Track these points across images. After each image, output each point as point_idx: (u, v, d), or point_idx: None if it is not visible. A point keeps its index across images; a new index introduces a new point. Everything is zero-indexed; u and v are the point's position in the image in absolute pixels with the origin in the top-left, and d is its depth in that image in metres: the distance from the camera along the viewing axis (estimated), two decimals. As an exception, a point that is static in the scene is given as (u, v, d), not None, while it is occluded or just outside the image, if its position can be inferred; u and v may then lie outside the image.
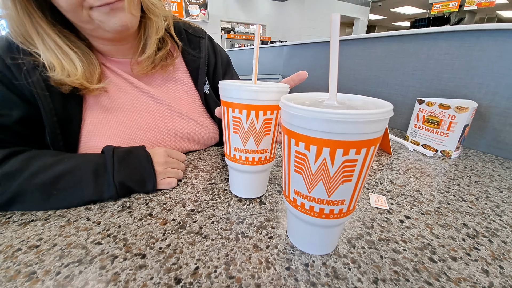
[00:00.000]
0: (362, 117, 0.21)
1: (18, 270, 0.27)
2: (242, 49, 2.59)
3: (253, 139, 0.37)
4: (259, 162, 0.39)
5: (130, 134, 0.50)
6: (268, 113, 0.35)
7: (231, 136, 0.38)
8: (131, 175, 0.40)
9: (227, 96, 0.36)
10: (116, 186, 0.39)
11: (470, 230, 0.36)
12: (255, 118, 0.35)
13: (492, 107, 0.69)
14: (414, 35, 0.88)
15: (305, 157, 0.24)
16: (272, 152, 0.40)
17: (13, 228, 0.34)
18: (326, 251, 0.30)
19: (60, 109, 0.44)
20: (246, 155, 0.38)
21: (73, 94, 0.45)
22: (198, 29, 0.61)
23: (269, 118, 0.36)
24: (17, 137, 0.42)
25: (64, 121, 0.44)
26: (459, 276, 0.28)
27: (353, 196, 0.26)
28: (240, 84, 0.34)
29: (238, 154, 0.38)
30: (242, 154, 0.38)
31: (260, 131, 0.36)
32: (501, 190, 0.48)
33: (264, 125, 0.36)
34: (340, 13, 0.23)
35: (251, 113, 0.35)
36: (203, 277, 0.27)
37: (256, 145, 0.37)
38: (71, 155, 0.41)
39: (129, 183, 0.40)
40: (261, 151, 0.38)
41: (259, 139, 0.37)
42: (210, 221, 0.36)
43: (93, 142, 0.47)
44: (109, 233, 0.33)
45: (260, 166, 0.39)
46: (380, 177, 0.51)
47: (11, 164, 0.37)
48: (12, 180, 0.36)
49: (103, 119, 0.48)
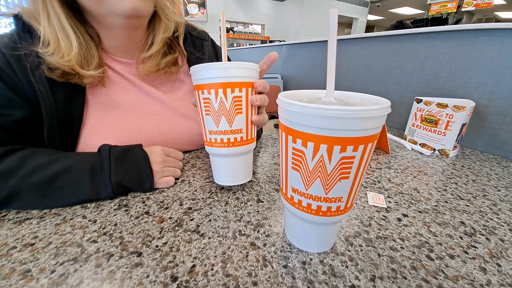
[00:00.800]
0: (360, 113, 0.21)
1: (12, 268, 0.27)
2: (241, 48, 2.59)
3: (225, 119, 0.37)
4: (235, 144, 0.39)
5: (130, 136, 0.49)
6: (236, 90, 0.36)
7: (205, 119, 0.38)
8: (128, 175, 0.40)
9: (196, 79, 0.36)
10: (113, 186, 0.38)
11: (468, 228, 0.36)
12: (224, 96, 0.35)
13: (490, 107, 0.69)
14: (412, 35, 0.88)
15: (303, 154, 0.24)
16: (249, 134, 0.40)
17: (8, 226, 0.33)
18: (324, 249, 0.30)
19: (61, 109, 0.43)
20: (221, 136, 0.38)
21: (75, 93, 0.44)
22: (201, 32, 0.62)
23: (238, 95, 0.36)
24: (14, 136, 0.41)
25: (64, 122, 0.44)
26: (457, 274, 0.28)
27: (351, 194, 0.26)
28: (208, 64, 0.35)
29: (214, 136, 0.38)
30: (217, 136, 0.38)
31: (230, 110, 0.36)
32: (498, 189, 0.48)
33: (234, 104, 0.36)
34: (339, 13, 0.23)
35: (219, 92, 0.35)
36: (200, 275, 0.27)
37: (229, 125, 0.37)
38: (67, 154, 0.41)
39: (126, 182, 0.40)
40: (235, 131, 0.38)
41: (231, 119, 0.37)
42: (207, 219, 0.36)
43: (92, 143, 0.46)
44: (105, 231, 0.33)
45: (238, 148, 0.39)
46: (378, 175, 0.51)
47: (6, 163, 0.36)
48: (8, 179, 0.35)
49: (103, 120, 0.48)
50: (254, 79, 0.38)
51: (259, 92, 0.40)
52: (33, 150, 0.40)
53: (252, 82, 0.38)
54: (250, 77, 0.38)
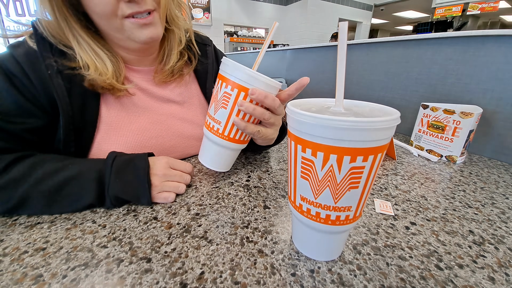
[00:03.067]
0: (370, 125, 0.21)
1: (24, 273, 0.27)
2: (245, 52, 2.61)
3: (214, 107, 0.41)
4: (212, 131, 0.42)
5: (142, 142, 0.50)
6: (229, 87, 0.38)
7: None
8: (125, 189, 0.39)
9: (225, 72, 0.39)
10: (110, 199, 0.38)
11: (477, 237, 0.36)
12: (219, 87, 0.40)
13: (497, 113, 0.69)
14: (417, 40, 0.88)
15: (312, 164, 0.24)
16: (226, 129, 0.41)
17: (20, 231, 0.34)
18: (332, 257, 0.30)
19: (78, 117, 0.44)
20: (210, 121, 0.42)
21: (90, 101, 0.45)
22: (204, 37, 0.64)
23: (228, 92, 0.39)
24: (26, 144, 0.42)
25: (79, 129, 0.44)
26: (466, 284, 0.28)
27: (360, 203, 0.26)
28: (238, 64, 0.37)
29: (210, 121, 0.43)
30: (211, 121, 0.42)
31: (219, 101, 0.40)
32: (506, 197, 0.48)
33: (223, 97, 0.39)
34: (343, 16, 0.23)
35: (219, 82, 0.40)
36: (209, 282, 0.27)
37: (213, 112, 0.41)
38: (74, 161, 0.41)
39: (123, 196, 0.39)
40: (216, 120, 0.41)
41: (217, 108, 0.41)
42: (215, 225, 0.36)
43: (106, 148, 0.46)
44: (115, 237, 0.33)
45: (215, 136, 0.42)
46: (385, 182, 0.51)
47: (17, 170, 0.36)
48: (18, 187, 0.36)
49: (117, 126, 0.48)
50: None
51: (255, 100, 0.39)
52: (41, 157, 0.40)
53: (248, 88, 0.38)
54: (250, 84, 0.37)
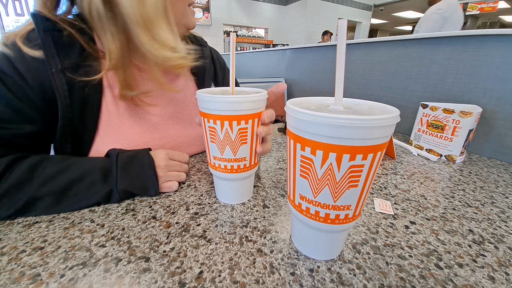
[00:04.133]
0: (369, 123, 0.21)
1: (22, 272, 0.27)
2: (244, 52, 2.60)
3: (230, 148, 0.37)
4: (238, 170, 0.38)
5: (144, 144, 0.50)
6: (242, 122, 0.35)
7: (210, 145, 0.38)
8: (134, 182, 0.40)
9: (202, 107, 0.36)
10: (119, 193, 0.39)
11: (476, 236, 0.36)
12: (229, 128, 0.35)
13: (497, 112, 0.69)
14: (417, 40, 0.88)
15: (311, 162, 0.24)
16: (253, 159, 0.39)
17: (17, 230, 0.34)
18: (331, 257, 0.30)
19: (77, 119, 0.43)
20: (225, 163, 0.38)
21: (91, 103, 0.44)
22: (199, 38, 0.65)
23: (244, 127, 0.36)
24: (20, 149, 0.40)
25: (78, 130, 0.44)
26: (466, 283, 0.28)
27: (359, 202, 0.26)
28: (214, 96, 0.34)
29: (217, 162, 0.38)
30: (221, 163, 0.38)
31: (236, 140, 0.36)
32: (506, 196, 0.48)
33: (239, 135, 0.36)
34: (342, 17, 0.23)
35: (225, 124, 0.35)
36: (208, 281, 0.27)
37: (233, 154, 0.37)
38: (75, 161, 0.40)
39: (131, 189, 0.40)
40: (239, 159, 0.38)
41: (236, 148, 0.37)
42: (214, 225, 0.36)
43: (104, 150, 0.45)
44: (113, 236, 0.33)
45: (240, 174, 0.39)
46: (384, 181, 0.51)
47: (15, 174, 0.35)
48: (20, 191, 0.35)
49: (117, 129, 0.48)
50: (261, 109, 0.37)
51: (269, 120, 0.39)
52: (39, 158, 0.38)
53: (259, 113, 0.37)
54: (258, 108, 0.36)
